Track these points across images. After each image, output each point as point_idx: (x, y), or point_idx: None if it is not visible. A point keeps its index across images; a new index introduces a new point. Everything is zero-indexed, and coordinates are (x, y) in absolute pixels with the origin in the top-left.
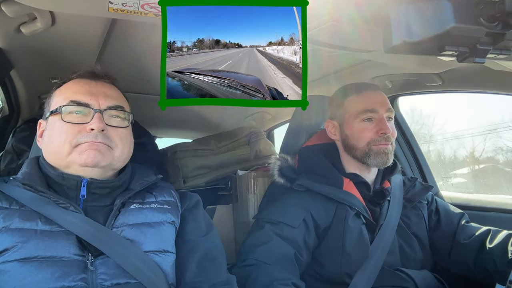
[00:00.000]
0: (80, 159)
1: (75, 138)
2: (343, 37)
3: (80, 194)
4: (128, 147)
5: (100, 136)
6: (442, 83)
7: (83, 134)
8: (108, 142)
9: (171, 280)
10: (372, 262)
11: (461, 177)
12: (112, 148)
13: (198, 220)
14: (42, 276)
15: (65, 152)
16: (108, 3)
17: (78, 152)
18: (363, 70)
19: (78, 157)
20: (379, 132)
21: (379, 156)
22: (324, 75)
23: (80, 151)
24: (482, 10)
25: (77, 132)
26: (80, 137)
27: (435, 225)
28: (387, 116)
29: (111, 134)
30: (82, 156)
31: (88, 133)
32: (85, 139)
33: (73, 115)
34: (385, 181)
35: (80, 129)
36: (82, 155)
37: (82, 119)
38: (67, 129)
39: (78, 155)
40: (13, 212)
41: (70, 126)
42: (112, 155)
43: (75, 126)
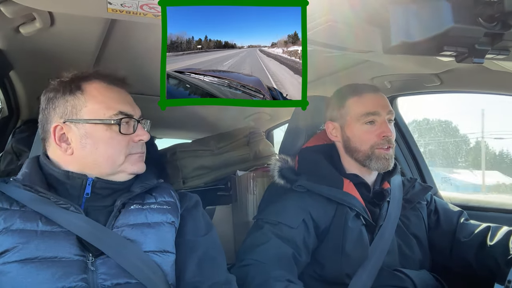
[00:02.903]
0: (132, 169)
1: (127, 148)
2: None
3: (84, 193)
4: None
5: (143, 146)
6: (441, 83)
7: (132, 145)
8: (144, 150)
9: (171, 280)
10: (371, 263)
11: None
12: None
13: (197, 220)
14: (42, 276)
15: (119, 162)
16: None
17: (130, 163)
18: (362, 71)
19: (130, 167)
20: (381, 135)
21: (380, 161)
22: (323, 76)
23: (131, 162)
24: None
25: (127, 142)
26: (131, 147)
27: (434, 224)
28: (388, 118)
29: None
30: (134, 167)
31: (136, 143)
32: (136, 149)
33: (125, 126)
34: (384, 182)
35: (129, 140)
36: (134, 166)
37: (129, 130)
38: (121, 140)
39: (130, 166)
40: (14, 213)
41: (123, 137)
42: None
43: (126, 136)
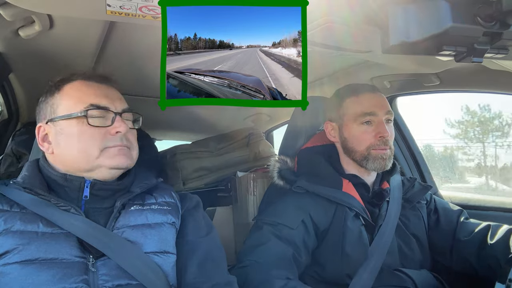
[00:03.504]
0: (110, 163)
1: (103, 141)
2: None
3: (82, 195)
4: (137, 148)
5: (124, 139)
6: (440, 83)
7: (108, 137)
8: (129, 144)
9: (172, 281)
10: (372, 263)
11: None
12: (131, 150)
13: (198, 221)
14: (43, 278)
15: (94, 156)
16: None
17: (106, 157)
18: (361, 71)
19: (108, 161)
20: (378, 136)
21: (377, 161)
22: (322, 76)
23: (109, 155)
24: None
25: (103, 135)
26: (107, 140)
27: (434, 224)
28: (386, 119)
29: (129, 136)
30: (112, 160)
31: (114, 136)
32: (112, 143)
33: (95, 118)
34: (384, 182)
35: (104, 132)
36: (113, 159)
37: (104, 122)
38: (93, 133)
39: (107, 159)
40: (14, 215)
41: (96, 130)
42: (131, 156)
43: (100, 129)
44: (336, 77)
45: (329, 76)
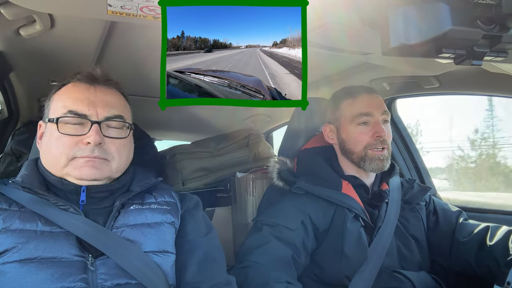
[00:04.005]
0: (76, 174)
1: (72, 151)
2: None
3: (79, 200)
4: (126, 157)
5: (96, 150)
6: (439, 85)
7: (79, 147)
8: (104, 155)
9: (171, 281)
10: (371, 264)
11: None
12: (109, 161)
13: (198, 221)
14: (42, 276)
15: (61, 164)
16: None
17: (73, 167)
18: (361, 73)
19: (74, 171)
20: (375, 136)
21: (374, 162)
22: (321, 77)
23: (76, 166)
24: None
25: (74, 144)
26: (77, 150)
27: (433, 225)
28: (383, 119)
29: (108, 147)
30: (78, 171)
31: (85, 146)
32: (81, 153)
33: (70, 126)
34: (383, 183)
35: (77, 141)
36: (78, 170)
37: (80, 130)
38: (64, 142)
39: (74, 170)
40: (13, 214)
41: (67, 138)
42: (109, 168)
43: (72, 138)
44: (335, 79)
45: (328, 77)
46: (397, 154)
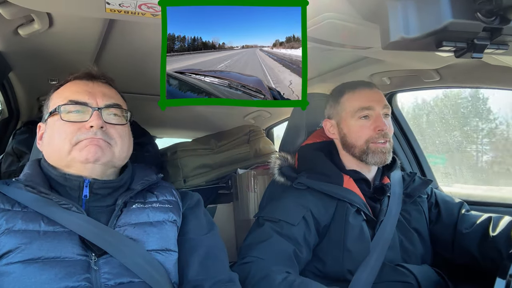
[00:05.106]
0: (81, 156)
1: (75, 136)
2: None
3: (82, 195)
4: (127, 145)
5: (99, 132)
6: (440, 78)
7: (82, 131)
8: (107, 138)
9: (173, 279)
10: (373, 258)
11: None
12: (112, 145)
13: (199, 218)
14: (46, 276)
15: (65, 151)
16: (105, 4)
17: (78, 149)
18: (361, 67)
19: (79, 154)
20: (376, 129)
21: (377, 155)
22: (322, 73)
23: (80, 147)
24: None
25: (77, 130)
26: (80, 134)
27: (435, 217)
28: (384, 113)
29: (110, 131)
30: (82, 153)
31: (88, 130)
32: (84, 136)
33: (72, 114)
34: (384, 177)
35: (79, 127)
36: (83, 151)
37: (81, 118)
38: (67, 128)
39: (79, 152)
40: (16, 214)
41: (69, 125)
42: (112, 152)
43: (74, 124)
44: (335, 74)
45: (328, 72)
46: (398, 148)
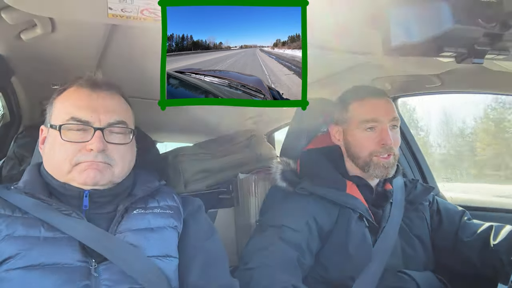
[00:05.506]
0: (79, 178)
1: (75, 157)
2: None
3: (82, 205)
4: (128, 162)
5: (100, 155)
6: (441, 84)
7: (83, 153)
8: (108, 160)
9: (174, 285)
10: (375, 265)
11: None
12: (112, 166)
13: (200, 224)
14: (46, 283)
15: (65, 170)
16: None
17: (77, 171)
18: (362, 72)
19: (78, 176)
20: (380, 143)
21: (378, 169)
22: (322, 77)
23: (79, 170)
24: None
25: (77, 151)
26: (80, 156)
27: (437, 225)
28: (392, 125)
29: (111, 153)
30: (81, 176)
31: (88, 152)
32: (85, 158)
33: (73, 132)
34: (386, 183)
35: (80, 148)
36: (82, 174)
37: (82, 137)
38: (67, 148)
39: (78, 174)
40: (16, 220)
41: (70, 145)
42: (111, 173)
43: (75, 144)
44: (337, 79)
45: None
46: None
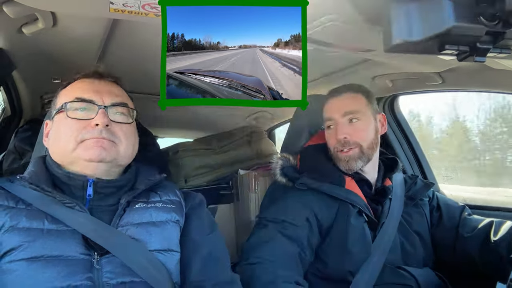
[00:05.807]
0: (85, 155)
1: (80, 133)
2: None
3: (86, 194)
4: (133, 143)
5: (104, 131)
6: (442, 82)
7: (88, 129)
8: (112, 137)
9: (175, 279)
10: (374, 260)
11: None
12: (117, 144)
13: (202, 219)
14: (48, 275)
15: (70, 148)
16: (109, 4)
17: (83, 148)
18: (363, 70)
19: (83, 153)
20: (336, 138)
21: (341, 163)
22: (324, 74)
23: (85, 147)
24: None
25: (82, 127)
26: (85, 132)
27: (437, 221)
28: (348, 119)
29: (115, 130)
30: (87, 152)
31: (93, 128)
32: (90, 135)
33: (77, 111)
34: (386, 179)
35: (85, 125)
36: (88, 151)
37: (87, 115)
38: (72, 125)
39: (83, 151)
40: (20, 212)
41: (75, 122)
42: (116, 151)
43: (80, 122)
44: (338, 76)
45: (331, 75)
46: (400, 150)
